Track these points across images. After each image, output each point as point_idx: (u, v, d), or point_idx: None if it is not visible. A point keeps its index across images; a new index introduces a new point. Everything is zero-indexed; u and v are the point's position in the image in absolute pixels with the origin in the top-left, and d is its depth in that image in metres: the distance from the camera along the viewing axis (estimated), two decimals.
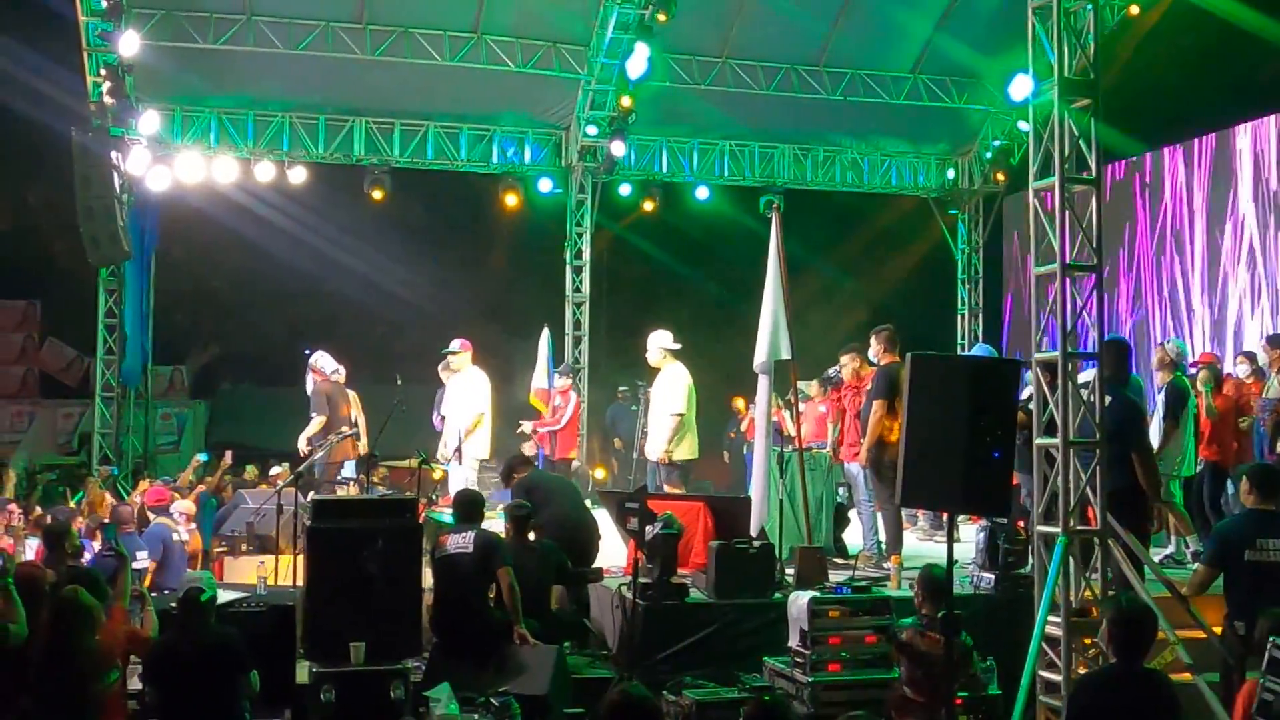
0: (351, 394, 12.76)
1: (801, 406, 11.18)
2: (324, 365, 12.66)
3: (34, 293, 24.28)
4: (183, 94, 16.15)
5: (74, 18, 14.32)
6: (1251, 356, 11.43)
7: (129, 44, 13.84)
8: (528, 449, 13.16)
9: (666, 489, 11.13)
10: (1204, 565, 7.05)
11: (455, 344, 12.56)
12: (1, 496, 12.34)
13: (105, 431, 16.68)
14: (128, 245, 15.32)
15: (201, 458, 15.34)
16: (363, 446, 12.09)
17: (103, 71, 14.36)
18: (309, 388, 12.62)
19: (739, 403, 17.60)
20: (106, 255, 15.23)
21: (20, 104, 18.49)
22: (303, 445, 12.05)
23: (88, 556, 8.81)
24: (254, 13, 15.12)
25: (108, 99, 14.33)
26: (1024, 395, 7.93)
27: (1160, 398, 10.38)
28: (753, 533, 9.26)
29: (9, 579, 6.47)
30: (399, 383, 12.33)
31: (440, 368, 13.00)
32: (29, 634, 6.44)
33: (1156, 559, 8.78)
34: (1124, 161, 16.79)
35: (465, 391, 12.37)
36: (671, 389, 11.36)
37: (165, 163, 16.10)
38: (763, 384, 9.92)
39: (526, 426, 14.06)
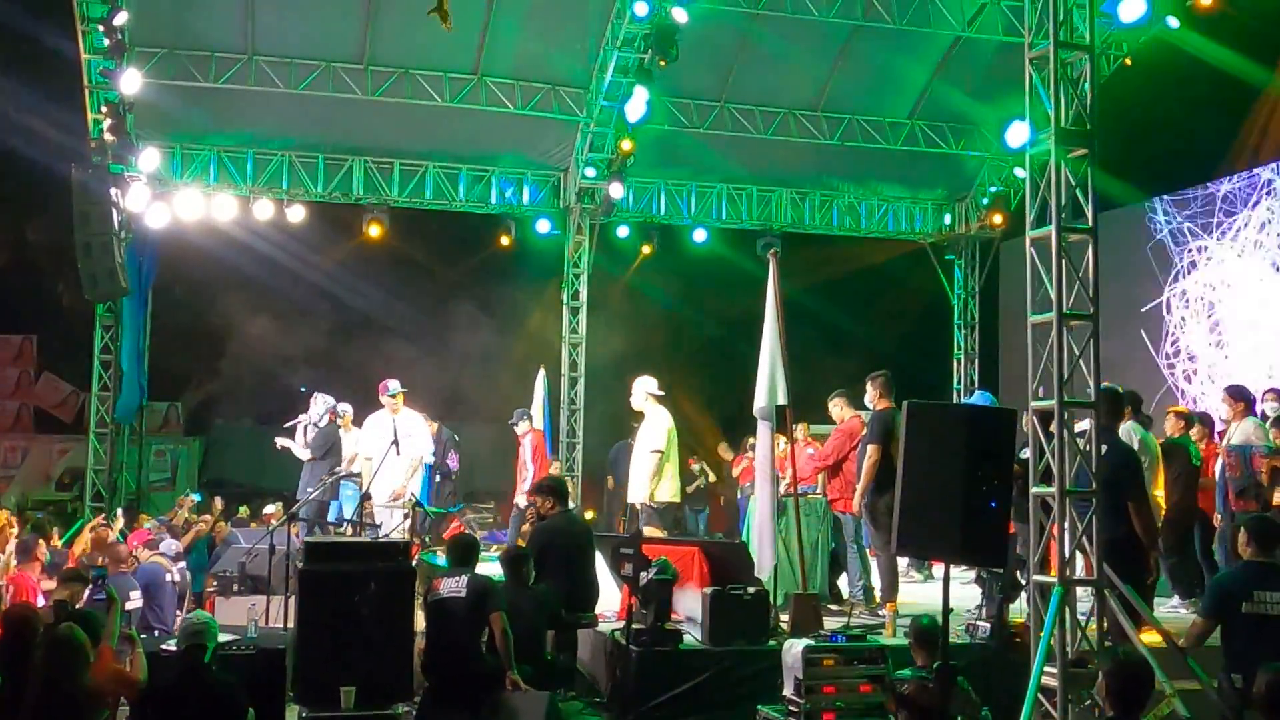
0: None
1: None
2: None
3: (31, 328, 24.29)
4: (183, 132, 16.26)
5: (74, 55, 14.45)
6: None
7: (130, 82, 13.93)
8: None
9: (646, 532, 10.94)
10: (1201, 617, 6.99)
11: (395, 384, 12.20)
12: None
13: (99, 468, 16.62)
14: (125, 281, 15.32)
15: (195, 497, 15.20)
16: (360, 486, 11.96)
17: (104, 109, 14.44)
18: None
19: (722, 448, 17.67)
20: (104, 291, 15.25)
21: (19, 141, 18.53)
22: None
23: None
24: (255, 52, 15.23)
25: (108, 136, 14.40)
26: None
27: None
28: (762, 576, 9.20)
29: None
30: (395, 422, 12.22)
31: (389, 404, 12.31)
32: (23, 673, 6.35)
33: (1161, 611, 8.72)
34: None
35: (417, 430, 12.23)
36: (652, 429, 11.30)
37: (164, 200, 16.18)
38: (763, 428, 9.85)
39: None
